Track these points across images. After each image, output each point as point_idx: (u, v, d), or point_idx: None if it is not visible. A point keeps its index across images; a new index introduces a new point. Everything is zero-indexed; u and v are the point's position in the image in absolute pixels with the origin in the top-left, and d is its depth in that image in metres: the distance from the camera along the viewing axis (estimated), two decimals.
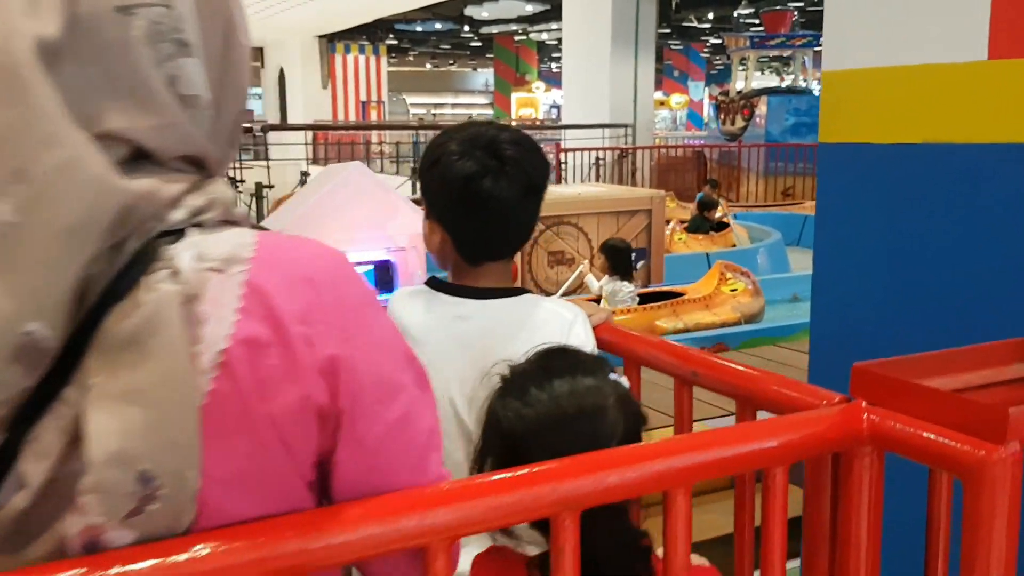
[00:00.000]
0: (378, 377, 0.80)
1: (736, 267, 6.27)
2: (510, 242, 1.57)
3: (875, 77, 2.51)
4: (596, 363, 1.22)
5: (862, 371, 1.21)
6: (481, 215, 1.49)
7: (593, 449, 1.04)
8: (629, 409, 1.19)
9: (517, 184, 1.48)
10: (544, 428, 1.15)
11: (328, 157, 22.57)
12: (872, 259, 2.58)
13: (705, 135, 20.74)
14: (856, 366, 1.22)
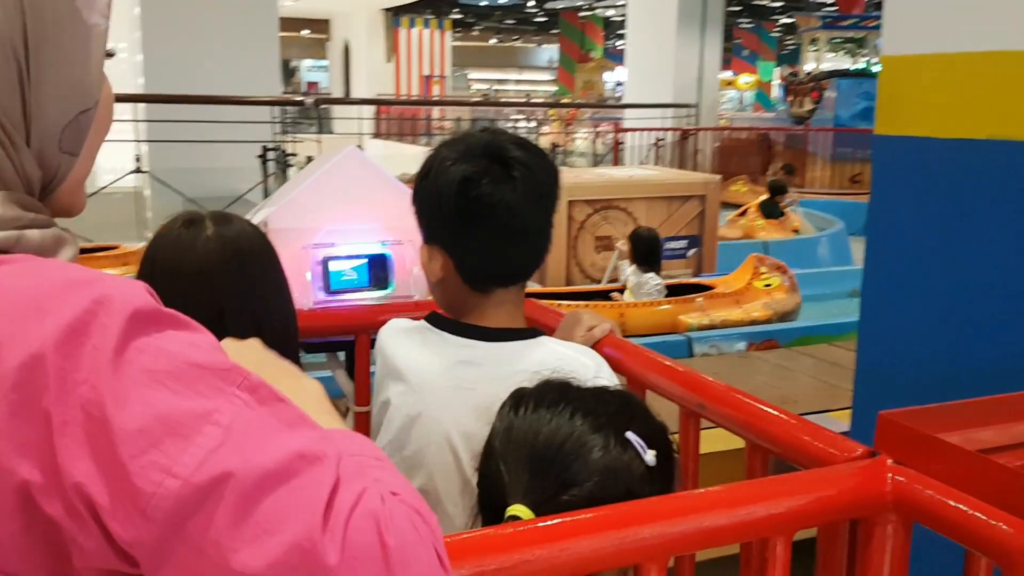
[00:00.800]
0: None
1: (772, 260, 5.93)
2: (521, 260, 1.34)
3: (938, 64, 2.26)
4: (613, 420, 1.03)
5: (889, 422, 1.01)
6: (483, 225, 1.27)
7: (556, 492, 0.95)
8: (625, 476, 0.99)
9: (523, 189, 1.27)
10: (507, 450, 1.02)
11: (390, 132, 22.59)
12: (928, 264, 2.34)
13: (772, 117, 20.18)
14: (883, 415, 1.02)
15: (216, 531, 0.57)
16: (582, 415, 1.03)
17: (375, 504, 0.61)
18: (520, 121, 20.48)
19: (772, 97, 27.39)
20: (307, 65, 33.01)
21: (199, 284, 1.29)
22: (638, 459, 1.01)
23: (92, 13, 0.71)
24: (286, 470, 0.59)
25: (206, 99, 8.51)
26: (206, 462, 0.57)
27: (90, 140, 0.76)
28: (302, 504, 0.59)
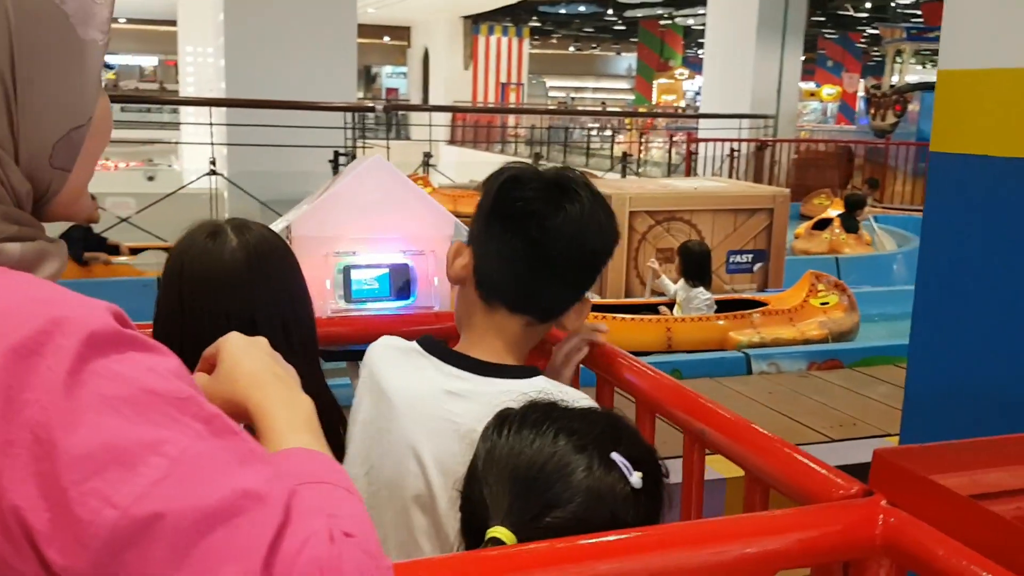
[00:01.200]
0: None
1: (830, 278, 5.74)
2: (535, 287, 1.26)
3: (998, 79, 2.15)
4: (598, 441, 0.99)
5: (884, 460, 0.95)
6: (510, 229, 1.23)
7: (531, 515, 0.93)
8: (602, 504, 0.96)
9: (567, 221, 1.22)
10: (489, 471, 1.00)
11: (464, 139, 22.74)
12: (982, 289, 2.23)
13: (854, 130, 19.70)
14: (878, 453, 0.96)
15: (153, 568, 0.55)
16: (566, 435, 0.99)
17: (322, 551, 0.59)
18: (594, 129, 20.42)
19: (857, 109, 26.77)
20: (387, 71, 33.48)
21: (230, 294, 1.29)
22: (623, 481, 0.97)
23: (88, 29, 0.70)
24: (229, 508, 0.57)
25: (280, 104, 8.68)
26: (147, 495, 0.56)
27: (85, 154, 0.76)
28: (243, 547, 0.57)
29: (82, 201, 0.81)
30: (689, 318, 5.33)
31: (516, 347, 1.29)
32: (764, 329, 5.33)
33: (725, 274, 6.38)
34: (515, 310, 1.28)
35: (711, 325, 5.30)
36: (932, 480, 0.89)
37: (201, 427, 0.60)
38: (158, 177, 17.02)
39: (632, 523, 0.95)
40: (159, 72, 33.41)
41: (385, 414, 1.27)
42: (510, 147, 20.69)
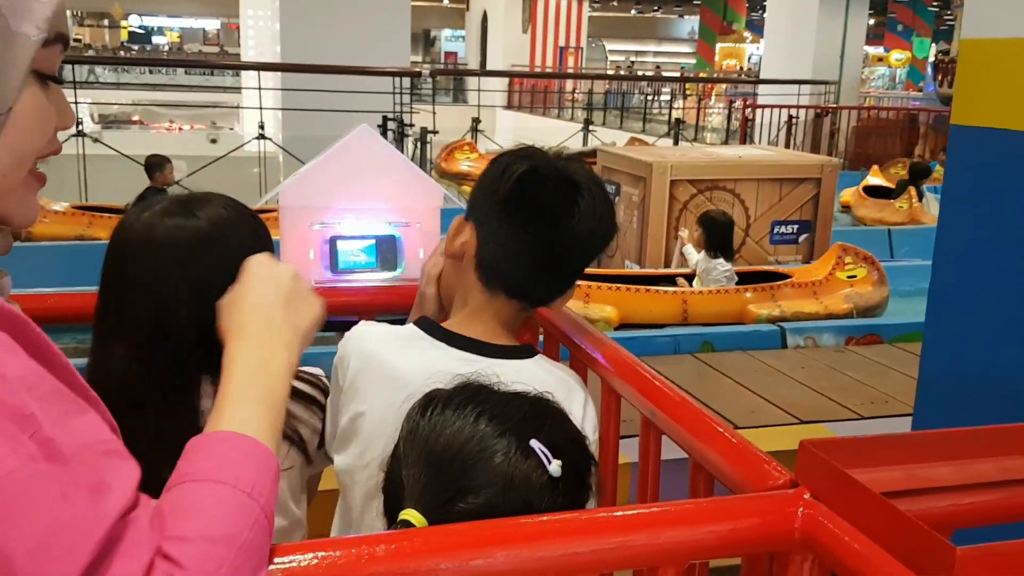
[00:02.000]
0: None
1: (859, 251, 5.52)
2: (535, 277, 1.28)
3: (1019, 49, 2.05)
4: (519, 426, 0.97)
5: (808, 451, 0.92)
6: (521, 221, 1.25)
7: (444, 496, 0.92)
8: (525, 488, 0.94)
9: (585, 224, 1.26)
10: (409, 452, 0.98)
11: (521, 104, 22.60)
12: (1000, 268, 2.15)
13: (920, 96, 19.10)
14: (803, 444, 0.93)
15: None
16: (487, 419, 0.97)
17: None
18: (652, 94, 20.12)
19: (926, 75, 25.93)
20: (446, 35, 33.36)
21: (169, 269, 1.26)
22: (541, 469, 0.95)
23: (22, 23, 0.71)
24: (46, 544, 0.58)
25: (326, 68, 8.72)
26: None
27: (2, 145, 0.74)
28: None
29: (9, 199, 0.78)
30: (707, 290, 5.21)
31: (510, 328, 1.32)
32: (785, 302, 5.19)
33: (769, 245, 6.25)
34: (513, 296, 1.29)
35: (729, 297, 5.17)
36: (848, 475, 0.86)
37: (35, 449, 0.60)
38: (220, 140, 17.29)
39: (553, 511, 0.93)
40: (221, 35, 33.78)
41: (404, 399, 1.22)
42: (566, 112, 20.50)
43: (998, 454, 0.98)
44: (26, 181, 0.79)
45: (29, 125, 0.76)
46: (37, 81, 0.75)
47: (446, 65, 29.12)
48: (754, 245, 6.23)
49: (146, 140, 16.72)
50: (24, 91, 0.74)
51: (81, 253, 5.61)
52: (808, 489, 0.92)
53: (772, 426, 3.68)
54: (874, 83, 25.43)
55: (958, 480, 0.96)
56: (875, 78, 26.06)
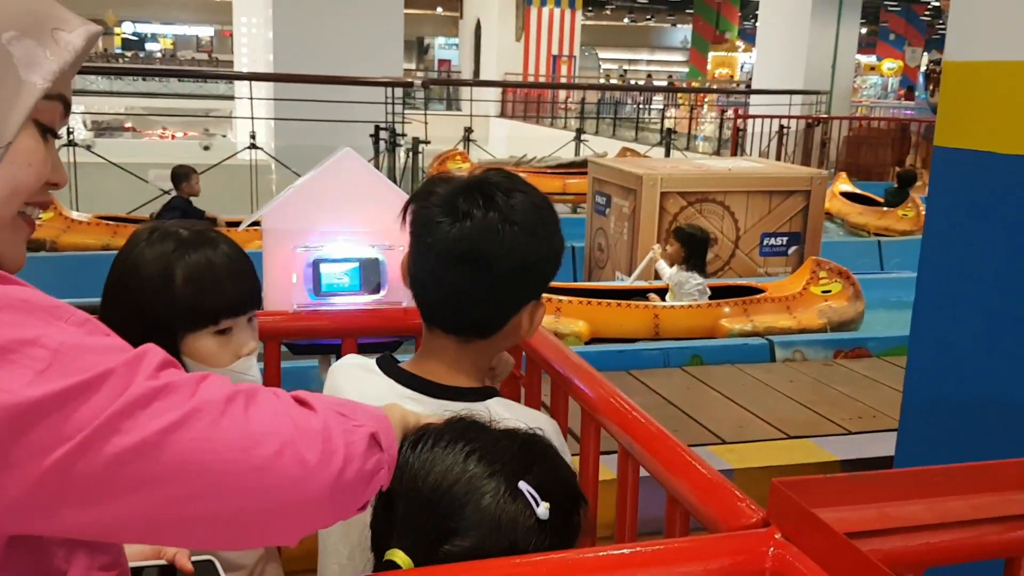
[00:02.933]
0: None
1: (833, 265, 5.51)
2: (450, 299, 1.17)
3: (1004, 73, 2.07)
4: (508, 466, 0.96)
5: (778, 491, 0.93)
6: (425, 247, 1.16)
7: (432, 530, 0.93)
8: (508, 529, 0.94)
9: (472, 233, 1.13)
10: (398, 489, 0.96)
11: (515, 113, 22.61)
12: (982, 288, 2.16)
13: (912, 106, 19.17)
14: (774, 484, 0.94)
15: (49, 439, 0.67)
16: (477, 458, 0.96)
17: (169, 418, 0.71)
18: (644, 104, 20.16)
19: (919, 84, 26.03)
20: (440, 42, 33.39)
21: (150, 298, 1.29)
22: (529, 511, 0.93)
23: (31, 73, 0.77)
24: (91, 381, 0.69)
25: (319, 79, 8.71)
26: (33, 382, 0.66)
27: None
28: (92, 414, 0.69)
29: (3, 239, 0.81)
30: (679, 305, 5.18)
31: (459, 365, 1.21)
32: (758, 317, 5.16)
33: (759, 257, 6.27)
34: (447, 329, 1.21)
35: (701, 312, 5.14)
36: (816, 516, 0.86)
37: (74, 328, 0.72)
38: (213, 148, 17.25)
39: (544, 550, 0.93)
40: (215, 42, 33.76)
41: None
42: (559, 120, 20.52)
43: (969, 492, 0.99)
44: (15, 222, 0.82)
45: (25, 162, 0.80)
46: (37, 129, 0.81)
47: (439, 73, 29.15)
48: (744, 257, 6.24)
49: (139, 147, 16.70)
50: (23, 131, 0.79)
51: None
52: (779, 529, 0.92)
53: (760, 441, 3.69)
54: (866, 92, 25.53)
55: (930, 519, 0.97)
56: (867, 87, 26.16)
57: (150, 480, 0.70)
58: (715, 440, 3.62)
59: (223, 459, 0.72)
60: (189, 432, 0.71)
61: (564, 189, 9.68)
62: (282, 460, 0.75)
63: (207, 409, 0.73)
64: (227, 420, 0.73)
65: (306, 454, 0.76)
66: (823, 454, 3.56)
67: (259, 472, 0.74)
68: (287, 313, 1.78)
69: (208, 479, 0.72)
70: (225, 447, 0.72)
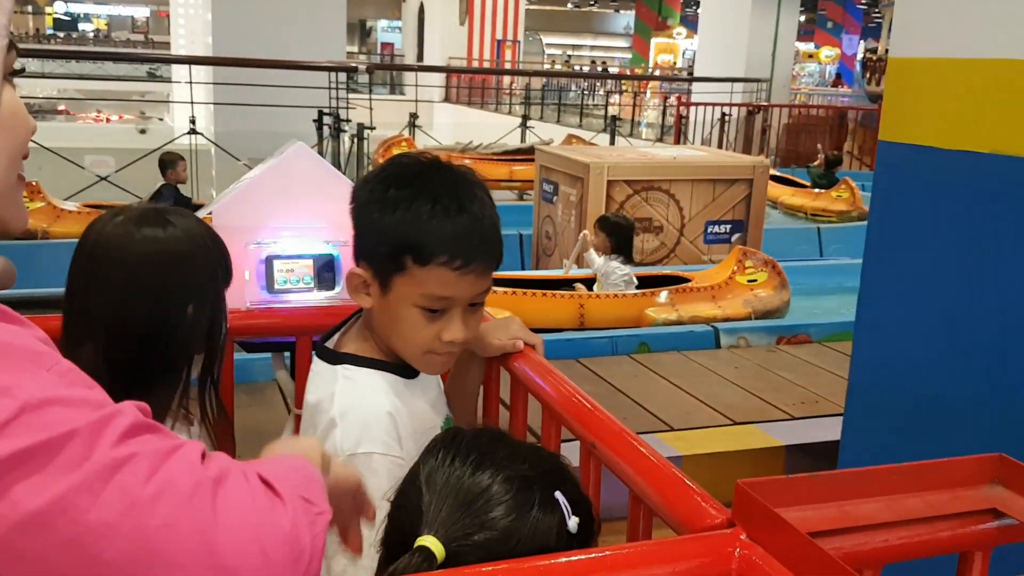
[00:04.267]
0: None
1: (760, 254, 5.56)
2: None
3: (944, 70, 2.12)
4: (545, 478, 0.99)
5: (743, 491, 0.94)
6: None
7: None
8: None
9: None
10: (434, 482, 0.99)
11: (459, 98, 22.51)
12: (924, 282, 2.22)
13: (849, 94, 19.53)
14: (739, 485, 0.95)
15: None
16: (518, 463, 0.99)
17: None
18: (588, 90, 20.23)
19: (855, 72, 26.53)
20: (383, 25, 33.06)
21: (128, 283, 1.28)
22: (561, 522, 0.96)
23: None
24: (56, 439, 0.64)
25: (261, 63, 8.57)
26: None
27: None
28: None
29: (7, 203, 0.80)
30: (604, 295, 5.18)
31: (359, 330, 1.38)
32: (683, 307, 5.18)
33: (703, 244, 6.35)
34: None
35: (626, 302, 5.15)
36: (779, 516, 0.88)
37: (54, 379, 0.68)
38: (150, 132, 16.85)
39: None
40: (151, 23, 32.96)
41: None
42: (504, 106, 20.50)
43: (925, 489, 1.01)
44: (16, 183, 0.81)
45: (15, 123, 0.79)
46: (10, 84, 0.78)
47: (382, 57, 28.87)
48: (689, 245, 6.32)
49: (73, 132, 16.25)
50: (4, 92, 0.76)
51: None
52: (744, 530, 0.94)
53: (707, 427, 3.75)
54: (803, 80, 25.93)
55: (888, 517, 0.99)
56: (804, 75, 26.58)
57: (98, 564, 0.64)
58: (663, 427, 3.67)
59: (184, 550, 0.65)
60: (154, 515, 0.65)
61: (511, 176, 9.68)
62: (249, 561, 0.68)
63: (174, 491, 0.66)
64: (195, 506, 0.67)
65: (273, 555, 0.69)
66: (768, 440, 3.63)
67: (222, 572, 0.67)
68: (240, 311, 1.75)
69: (164, 572, 0.65)
70: (187, 538, 0.66)
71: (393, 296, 1.25)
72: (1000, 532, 1.03)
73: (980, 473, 1.05)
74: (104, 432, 0.66)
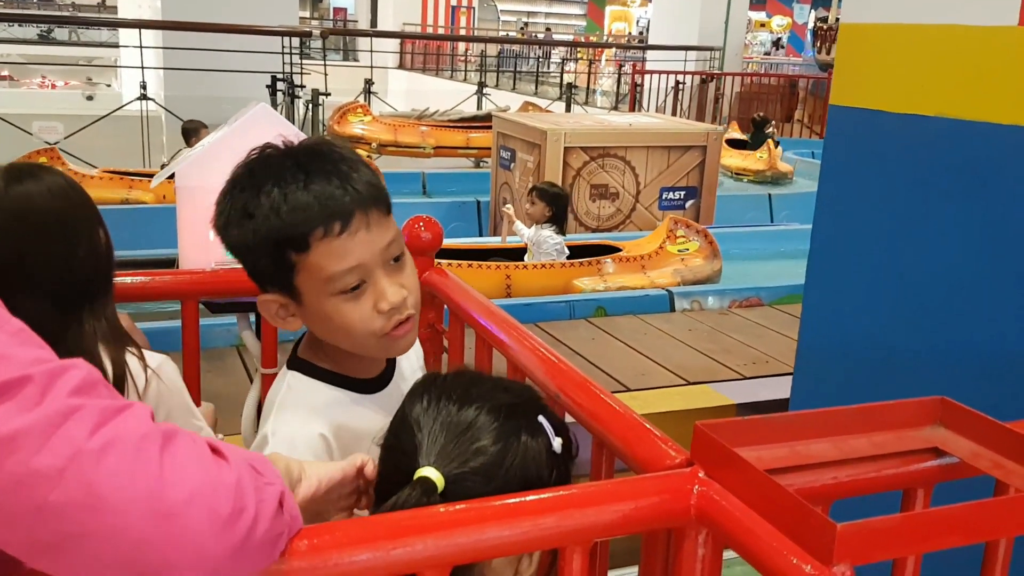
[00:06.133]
0: None
1: (692, 224, 5.59)
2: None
3: (892, 34, 2.18)
4: (527, 406, 1.06)
5: (702, 433, 0.99)
6: None
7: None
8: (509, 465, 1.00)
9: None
10: (425, 418, 1.03)
11: (414, 65, 22.31)
12: (872, 243, 2.29)
13: (800, 62, 19.71)
14: (698, 426, 1.00)
15: None
16: (498, 395, 1.04)
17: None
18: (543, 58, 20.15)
19: (807, 41, 26.74)
20: None
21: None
22: (547, 444, 1.02)
23: None
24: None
25: (212, 27, 8.42)
26: None
27: None
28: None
29: None
30: (531, 265, 5.14)
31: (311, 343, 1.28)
32: (611, 277, 5.19)
33: (658, 211, 6.42)
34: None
35: (553, 272, 5.13)
36: (737, 454, 0.93)
37: (5, 336, 0.70)
38: (97, 98, 16.47)
39: (551, 484, 1.00)
40: None
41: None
42: (460, 73, 20.37)
43: (870, 430, 1.07)
44: None
45: None
46: None
47: (335, 22, 28.46)
48: (644, 211, 6.39)
49: (17, 98, 15.85)
50: None
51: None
52: (703, 468, 0.99)
53: (661, 387, 3.83)
54: (755, 49, 26.08)
55: (836, 456, 1.05)
56: (756, 44, 26.72)
57: (44, 508, 0.66)
58: (619, 388, 3.74)
59: (129, 498, 0.67)
60: (100, 464, 0.67)
61: (467, 143, 9.67)
62: (191, 510, 0.69)
63: (121, 442, 0.68)
64: (142, 457, 0.69)
65: (218, 507, 0.71)
66: (720, 398, 3.73)
67: (165, 519, 0.68)
68: (204, 271, 1.76)
69: (109, 518, 0.67)
70: (130, 485, 0.67)
71: (307, 300, 1.13)
72: (942, 470, 1.10)
73: (923, 415, 1.11)
74: (56, 383, 0.68)
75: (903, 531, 0.86)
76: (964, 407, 1.09)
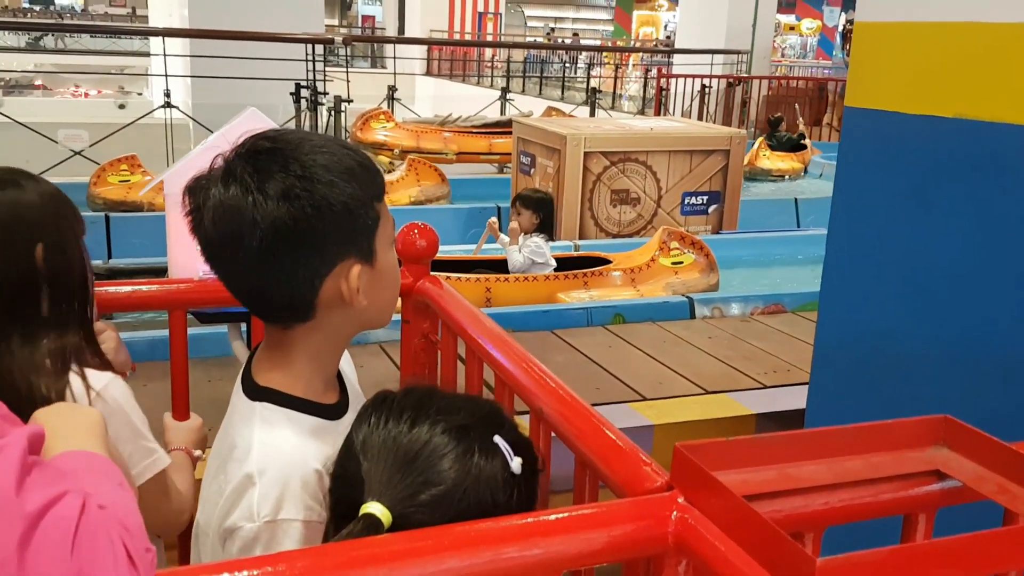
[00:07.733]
0: None
1: (688, 236, 5.36)
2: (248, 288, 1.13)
3: (908, 33, 2.10)
4: (482, 425, 1.01)
5: (681, 455, 0.93)
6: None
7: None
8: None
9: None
10: (369, 447, 0.99)
11: (441, 71, 22.34)
12: (889, 248, 2.21)
13: (830, 65, 19.48)
14: (678, 448, 0.94)
15: None
16: (450, 416, 0.99)
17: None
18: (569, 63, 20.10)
19: (836, 44, 26.46)
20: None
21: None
22: (504, 466, 0.98)
23: None
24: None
25: (235, 35, 8.45)
26: None
27: None
28: None
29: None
30: (512, 278, 4.98)
31: (282, 361, 1.21)
32: (597, 291, 4.99)
33: (680, 216, 6.33)
34: (268, 319, 1.25)
35: (536, 285, 4.94)
36: (715, 479, 0.87)
37: None
38: (129, 106, 16.64)
39: (512, 508, 0.96)
40: None
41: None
42: (486, 79, 20.35)
43: (867, 451, 1.00)
44: None
45: None
46: None
47: (364, 29, 28.59)
48: (666, 216, 6.30)
49: (50, 107, 16.05)
50: None
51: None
52: (682, 492, 0.93)
53: (679, 397, 3.75)
54: (785, 52, 25.85)
55: (830, 479, 0.98)
56: (785, 47, 26.49)
57: None
58: (635, 396, 3.66)
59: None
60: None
61: (490, 149, 9.62)
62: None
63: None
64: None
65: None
66: (739, 408, 3.63)
67: None
68: (192, 281, 1.73)
69: None
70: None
71: (379, 257, 1.11)
72: (944, 494, 1.02)
73: (924, 435, 1.04)
74: None
75: (891, 565, 0.79)
76: (968, 427, 1.02)
